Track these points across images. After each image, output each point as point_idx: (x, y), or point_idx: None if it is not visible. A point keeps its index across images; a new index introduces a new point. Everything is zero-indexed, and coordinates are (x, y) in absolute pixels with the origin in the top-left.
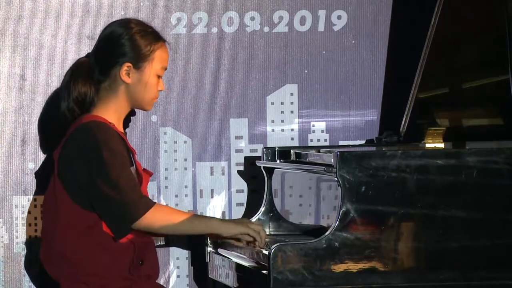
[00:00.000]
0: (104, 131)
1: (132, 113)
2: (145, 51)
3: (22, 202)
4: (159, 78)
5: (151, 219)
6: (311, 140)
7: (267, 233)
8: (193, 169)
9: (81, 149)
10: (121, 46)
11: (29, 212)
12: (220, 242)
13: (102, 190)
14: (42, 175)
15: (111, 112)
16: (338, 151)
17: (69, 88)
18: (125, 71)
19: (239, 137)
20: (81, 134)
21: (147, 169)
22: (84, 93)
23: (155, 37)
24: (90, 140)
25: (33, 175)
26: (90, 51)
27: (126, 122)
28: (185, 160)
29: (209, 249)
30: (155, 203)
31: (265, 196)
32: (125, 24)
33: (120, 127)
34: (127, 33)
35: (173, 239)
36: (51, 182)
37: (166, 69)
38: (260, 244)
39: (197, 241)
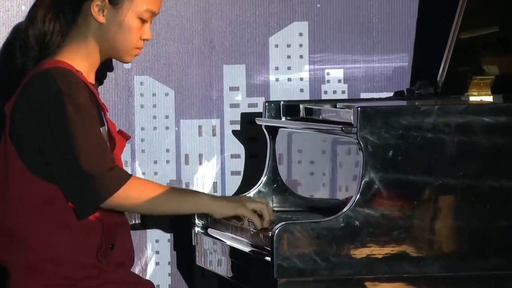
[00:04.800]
0: (68, 80)
1: (109, 68)
2: None
3: None
4: (145, 24)
5: (124, 197)
6: (325, 92)
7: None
8: (176, 128)
9: (39, 101)
10: None
11: None
12: (211, 218)
13: (63, 154)
14: None
15: (79, 59)
16: (359, 106)
17: (29, 26)
18: (98, 7)
19: (234, 89)
20: (40, 83)
21: (123, 131)
22: (48, 32)
23: None
24: (51, 91)
25: None
26: None
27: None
28: (167, 117)
29: (197, 229)
30: (130, 175)
31: (267, 162)
32: None
33: (90, 78)
34: None
35: (151, 217)
36: (0, 143)
37: (155, 14)
38: (259, 227)
39: (181, 220)
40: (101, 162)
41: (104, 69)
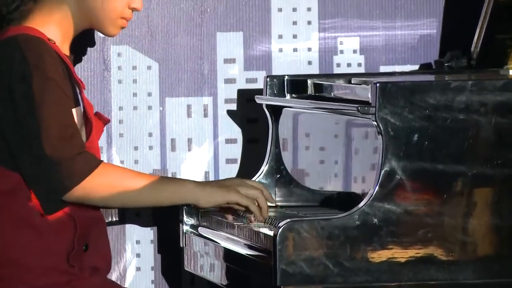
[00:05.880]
0: (37, 49)
1: (91, 43)
2: None
3: None
4: None
5: (91, 187)
6: (338, 65)
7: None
8: (161, 108)
9: (1, 73)
10: None
11: None
12: (202, 214)
13: (25, 135)
14: None
15: (53, 27)
16: (378, 82)
17: None
18: None
19: (230, 61)
20: (4, 51)
21: (101, 114)
22: None
23: None
24: (15, 61)
25: None
26: None
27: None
28: (149, 95)
29: (185, 228)
30: (100, 161)
31: (268, 148)
32: None
33: (64, 50)
34: None
35: (131, 214)
36: None
37: None
38: (259, 217)
39: (167, 217)
40: (68, 146)
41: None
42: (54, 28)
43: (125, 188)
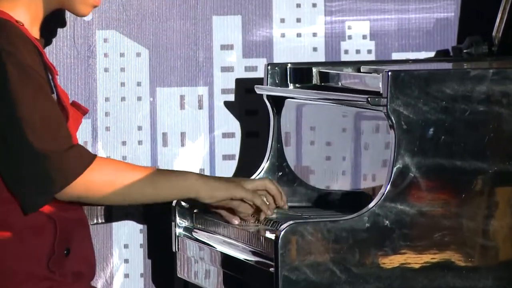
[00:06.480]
0: (8, 34)
1: (61, 23)
2: None
3: None
4: None
5: (87, 185)
6: (346, 52)
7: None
8: (151, 99)
9: None
10: None
11: None
12: (196, 215)
13: (6, 129)
14: None
15: (21, 9)
16: (390, 70)
17: None
18: None
19: (227, 47)
20: None
21: (78, 103)
22: None
23: None
24: None
25: None
26: None
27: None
28: (139, 84)
29: (178, 230)
30: (94, 156)
31: (270, 143)
32: None
33: (34, 33)
34: None
35: (118, 215)
36: None
37: None
38: (267, 212)
39: (158, 219)
40: (56, 138)
41: (53, 20)
42: (23, 10)
43: (122, 185)
